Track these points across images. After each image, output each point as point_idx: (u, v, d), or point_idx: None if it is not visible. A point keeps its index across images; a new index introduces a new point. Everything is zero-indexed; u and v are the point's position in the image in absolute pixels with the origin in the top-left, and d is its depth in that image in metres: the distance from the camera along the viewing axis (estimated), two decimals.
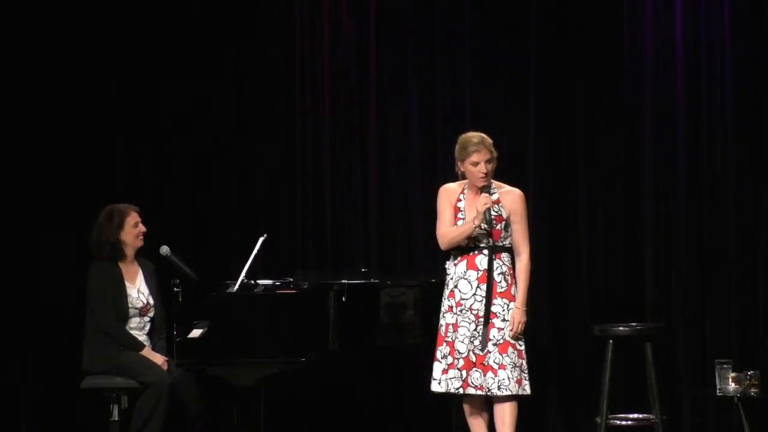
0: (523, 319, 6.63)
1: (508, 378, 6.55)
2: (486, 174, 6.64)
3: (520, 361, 6.61)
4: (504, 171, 6.88)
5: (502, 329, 6.60)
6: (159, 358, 7.25)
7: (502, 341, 6.59)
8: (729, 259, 7.87)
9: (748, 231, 7.86)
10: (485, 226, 6.61)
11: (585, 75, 8.15)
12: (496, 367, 6.56)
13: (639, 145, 8.08)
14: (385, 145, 8.48)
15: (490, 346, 6.58)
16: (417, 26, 8.43)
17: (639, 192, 8.06)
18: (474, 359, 6.61)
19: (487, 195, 6.63)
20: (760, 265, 7.82)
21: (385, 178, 8.47)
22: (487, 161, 6.64)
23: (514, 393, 6.56)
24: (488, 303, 6.62)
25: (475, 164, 6.63)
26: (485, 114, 8.07)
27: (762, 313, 7.80)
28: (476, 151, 6.63)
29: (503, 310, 6.62)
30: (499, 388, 6.55)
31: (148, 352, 7.26)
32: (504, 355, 6.57)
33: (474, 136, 6.69)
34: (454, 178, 6.83)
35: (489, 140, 6.69)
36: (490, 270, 6.64)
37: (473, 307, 6.64)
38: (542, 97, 8.21)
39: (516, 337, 6.61)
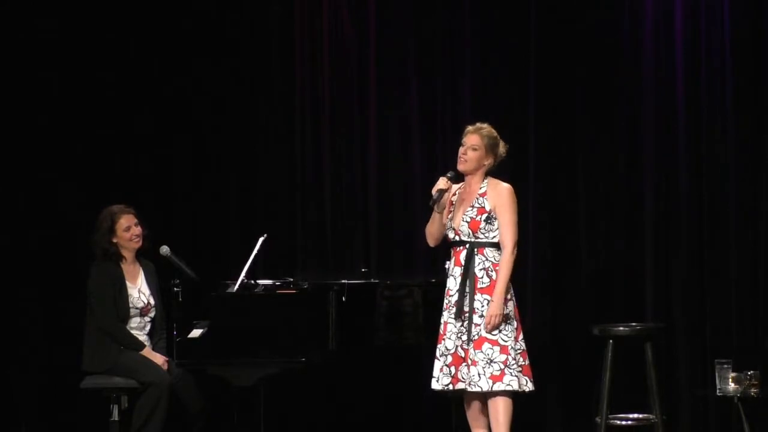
0: (497, 312, 6.53)
1: (479, 374, 6.52)
2: (465, 157, 6.70)
3: (503, 356, 6.54)
4: (504, 171, 6.89)
5: (479, 325, 6.58)
6: (159, 358, 7.25)
7: (477, 337, 6.57)
8: (729, 259, 7.87)
9: (748, 231, 7.86)
10: (437, 208, 6.67)
11: (585, 75, 8.15)
12: (470, 362, 6.56)
13: (639, 144, 8.08)
14: (385, 145, 8.49)
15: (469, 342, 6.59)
16: (417, 26, 8.44)
17: (639, 191, 8.07)
18: (463, 354, 6.61)
19: (445, 178, 6.70)
20: (760, 265, 7.83)
21: (385, 178, 8.48)
22: (473, 147, 6.69)
23: (484, 390, 6.51)
24: (461, 298, 6.60)
25: (462, 145, 6.74)
26: (485, 114, 8.04)
27: (762, 313, 7.81)
28: (468, 133, 6.74)
29: (482, 306, 6.59)
30: (470, 383, 6.54)
31: (148, 352, 7.26)
32: (477, 351, 6.55)
33: (480, 124, 6.78)
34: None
35: (488, 133, 6.73)
36: (469, 265, 6.63)
37: (457, 302, 6.64)
38: (542, 97, 8.21)
39: (497, 332, 6.56)
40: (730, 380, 7.39)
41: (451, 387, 6.63)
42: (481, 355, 6.53)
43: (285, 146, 8.61)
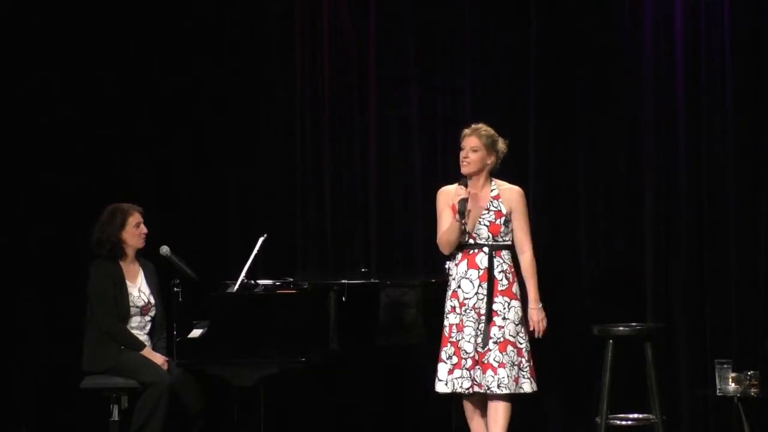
0: (542, 316, 6.69)
1: (507, 376, 6.56)
2: (467, 160, 6.69)
3: (519, 359, 6.62)
4: (504, 170, 6.89)
5: (503, 327, 6.61)
6: (159, 358, 7.25)
7: (502, 339, 6.60)
8: (729, 259, 7.87)
9: (748, 231, 7.86)
10: (458, 217, 6.60)
11: (585, 75, 8.15)
12: (496, 365, 6.57)
13: (639, 144, 8.08)
14: (385, 145, 8.48)
15: (490, 344, 6.59)
16: (417, 26, 8.44)
17: (639, 191, 8.06)
18: (477, 357, 6.62)
19: (461, 187, 6.65)
20: (760, 265, 7.82)
21: (385, 179, 8.47)
22: (473, 149, 6.69)
23: (512, 391, 6.57)
24: (489, 301, 6.62)
25: (462, 149, 6.73)
26: (485, 114, 8.05)
27: (762, 313, 7.81)
28: (465, 136, 6.75)
29: (504, 308, 6.63)
30: (498, 386, 6.55)
31: (148, 352, 7.26)
32: (503, 353, 6.58)
33: (475, 125, 6.78)
34: (454, 178, 6.84)
35: (486, 132, 6.73)
36: (490, 268, 6.65)
37: (476, 305, 6.65)
38: (542, 97, 8.21)
39: (516, 334, 6.61)
40: (730, 380, 7.39)
41: (471, 390, 6.63)
42: (507, 357, 6.57)
43: (285, 146, 8.61)
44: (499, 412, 6.62)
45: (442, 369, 6.70)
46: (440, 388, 6.70)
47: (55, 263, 8.36)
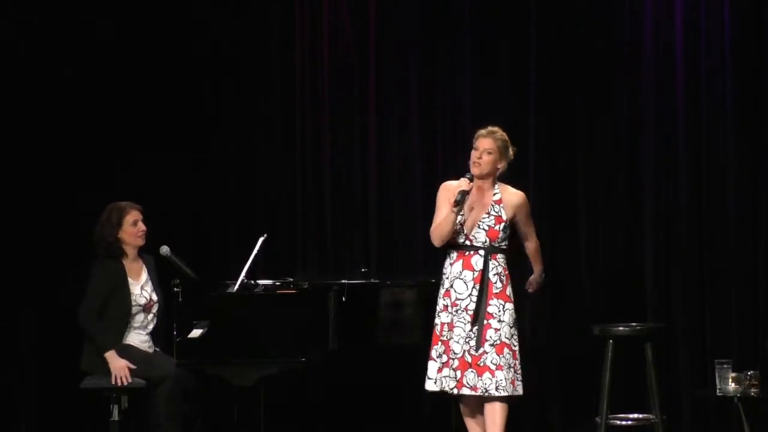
0: (541, 281, 7.03)
1: (505, 379, 6.55)
2: (480, 161, 6.67)
3: (514, 361, 6.62)
4: (504, 170, 6.89)
5: (498, 330, 6.60)
6: (120, 361, 7.15)
7: (498, 342, 6.59)
8: (729, 259, 7.87)
9: (748, 231, 7.87)
10: (455, 209, 6.61)
11: (585, 75, 8.15)
12: (493, 367, 6.56)
13: (639, 144, 8.09)
14: (385, 145, 8.48)
15: (486, 347, 6.58)
16: (417, 26, 8.44)
17: (639, 191, 8.07)
18: (469, 360, 6.60)
19: (465, 179, 6.65)
20: (760, 265, 7.83)
21: (385, 179, 8.48)
22: (488, 151, 6.67)
23: (509, 393, 6.56)
24: (480, 303, 6.61)
25: (475, 149, 6.70)
26: (485, 114, 8.06)
27: (762, 313, 7.81)
28: (480, 137, 6.71)
29: (499, 311, 6.62)
30: (496, 388, 6.54)
31: (111, 356, 7.13)
32: (500, 356, 6.57)
33: (492, 128, 6.76)
34: (453, 178, 6.83)
35: (501, 136, 6.72)
36: (485, 270, 6.64)
37: (468, 307, 6.64)
38: (542, 97, 8.21)
39: (510, 336, 6.61)
40: (730, 380, 7.39)
41: (455, 391, 6.63)
42: (504, 360, 6.56)
43: (285, 146, 8.61)
44: (497, 414, 6.61)
45: (432, 367, 6.70)
46: (429, 386, 6.70)
47: (55, 263, 8.35)
